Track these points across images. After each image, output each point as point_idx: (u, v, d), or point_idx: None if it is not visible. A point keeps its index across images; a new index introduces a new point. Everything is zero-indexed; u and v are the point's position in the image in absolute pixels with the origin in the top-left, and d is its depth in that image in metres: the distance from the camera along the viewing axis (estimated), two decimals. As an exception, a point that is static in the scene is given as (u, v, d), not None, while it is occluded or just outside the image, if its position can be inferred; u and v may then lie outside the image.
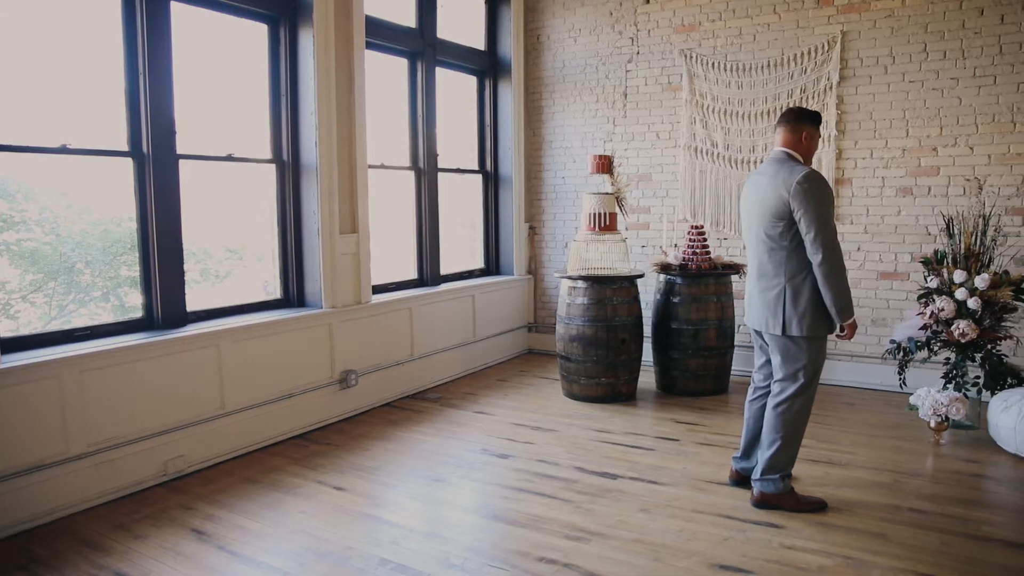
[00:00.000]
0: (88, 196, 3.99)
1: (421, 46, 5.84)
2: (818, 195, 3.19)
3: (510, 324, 6.80)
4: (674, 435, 4.55)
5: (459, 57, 6.33)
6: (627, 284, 5.32)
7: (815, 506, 3.41)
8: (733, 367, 5.60)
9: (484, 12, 6.67)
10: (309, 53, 4.63)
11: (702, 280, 5.33)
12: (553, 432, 4.63)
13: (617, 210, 5.51)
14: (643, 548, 3.08)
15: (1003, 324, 4.44)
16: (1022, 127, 4.96)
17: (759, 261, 3.43)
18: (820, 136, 3.55)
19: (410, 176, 5.93)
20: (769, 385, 3.55)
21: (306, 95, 4.69)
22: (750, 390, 3.73)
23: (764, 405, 3.56)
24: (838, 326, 3.31)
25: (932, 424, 4.32)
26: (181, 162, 4.07)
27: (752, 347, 3.73)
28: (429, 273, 6.03)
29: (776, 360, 3.42)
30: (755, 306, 3.47)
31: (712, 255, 5.47)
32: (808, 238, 3.20)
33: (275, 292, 4.83)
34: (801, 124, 3.37)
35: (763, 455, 3.44)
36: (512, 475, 3.93)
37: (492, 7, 6.68)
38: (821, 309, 3.27)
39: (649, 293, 5.85)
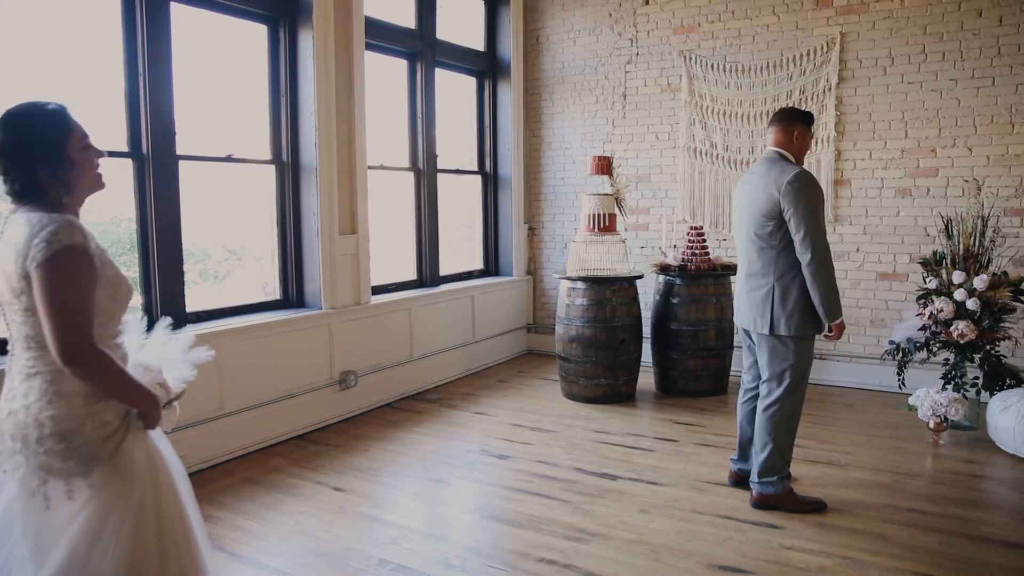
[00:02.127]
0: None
1: (420, 47, 5.85)
2: (808, 195, 3.20)
3: (509, 325, 6.80)
4: (673, 436, 4.56)
5: (458, 58, 6.34)
6: (626, 285, 5.32)
7: (814, 506, 3.41)
8: (732, 368, 5.60)
9: (483, 13, 6.68)
10: (309, 54, 4.64)
11: (701, 281, 5.33)
12: (552, 433, 4.64)
13: (616, 211, 5.52)
14: (642, 548, 3.09)
15: (1002, 325, 4.44)
16: (1020, 128, 4.97)
17: (749, 260, 3.44)
18: (812, 136, 3.57)
19: (409, 177, 5.93)
20: (759, 385, 3.56)
21: (306, 96, 4.69)
22: (740, 392, 3.74)
23: (756, 407, 3.57)
24: (826, 326, 3.31)
25: (931, 424, 4.33)
26: (181, 163, 4.07)
27: (751, 348, 3.74)
28: (428, 274, 6.03)
29: (763, 359, 3.43)
30: (744, 305, 3.48)
31: (711, 256, 5.48)
32: (797, 238, 3.21)
33: (274, 293, 4.83)
34: (793, 124, 3.38)
35: (757, 458, 3.45)
36: (511, 476, 3.94)
37: (491, 8, 6.69)
38: (809, 309, 3.28)
39: (648, 294, 5.86)
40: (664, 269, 5.44)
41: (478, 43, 6.65)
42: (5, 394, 1.78)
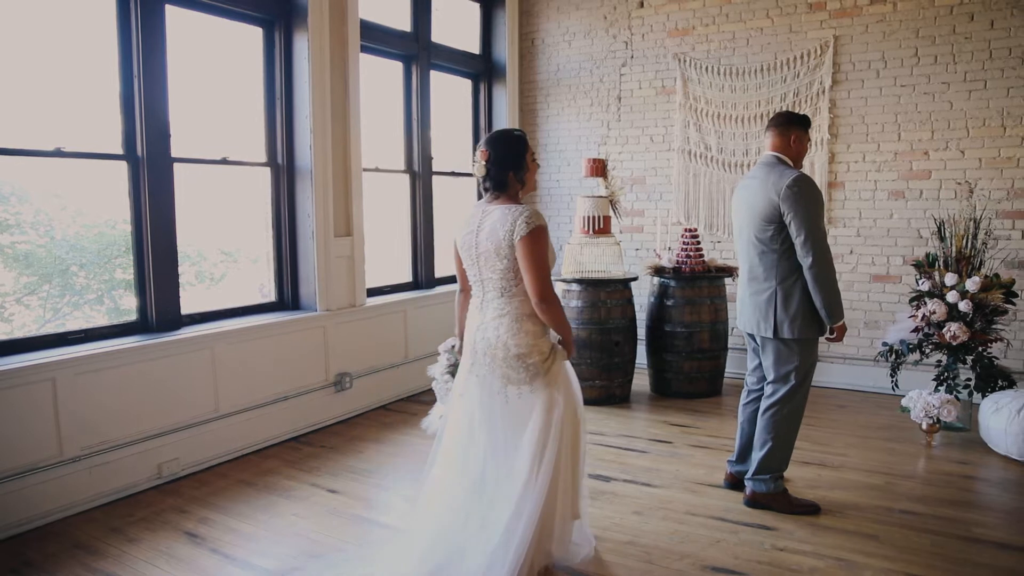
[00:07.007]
0: (83, 199, 3.99)
1: (416, 49, 5.86)
2: (808, 199, 3.21)
3: (505, 327, 6.79)
4: (667, 437, 4.57)
5: (454, 60, 6.35)
6: (621, 287, 5.33)
7: (807, 509, 3.43)
8: (727, 369, 5.62)
9: (479, 15, 6.69)
10: (304, 56, 4.64)
11: (696, 283, 5.35)
12: (547, 434, 4.63)
13: (611, 213, 5.53)
14: (636, 550, 3.09)
15: (994, 326, 4.47)
16: (1012, 131, 5.00)
17: (750, 264, 3.45)
18: (809, 139, 3.58)
19: (405, 179, 5.93)
20: (762, 388, 3.58)
21: (301, 98, 4.69)
22: (743, 393, 3.75)
23: (758, 408, 3.58)
24: (828, 328, 3.33)
25: (924, 426, 4.35)
26: (176, 165, 4.07)
27: (746, 349, 3.75)
28: (424, 276, 6.03)
29: (768, 362, 3.44)
30: (747, 309, 3.49)
31: (705, 258, 5.50)
32: (798, 241, 3.23)
33: (270, 295, 4.83)
34: (790, 128, 3.40)
35: (755, 456, 3.46)
36: (506, 477, 3.93)
37: (487, 10, 6.70)
38: (812, 312, 3.30)
39: (643, 296, 5.87)
40: (659, 271, 5.46)
41: (473, 46, 6.66)
42: (478, 327, 2.74)
